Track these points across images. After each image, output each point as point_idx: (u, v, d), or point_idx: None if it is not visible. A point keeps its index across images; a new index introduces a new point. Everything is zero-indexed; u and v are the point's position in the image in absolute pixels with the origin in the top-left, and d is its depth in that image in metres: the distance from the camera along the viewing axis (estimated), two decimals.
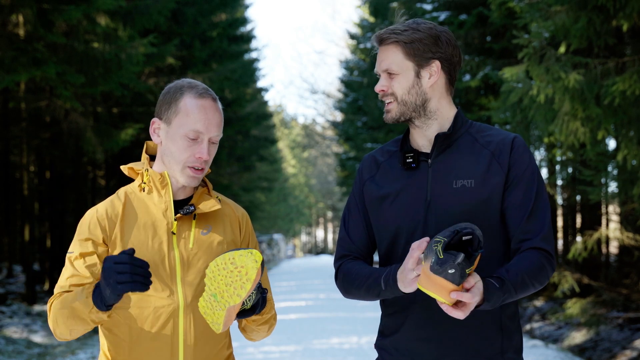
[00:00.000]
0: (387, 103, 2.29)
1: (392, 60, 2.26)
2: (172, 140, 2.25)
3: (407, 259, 2.05)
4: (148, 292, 2.21)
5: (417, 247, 2.02)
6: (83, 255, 2.23)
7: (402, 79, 2.26)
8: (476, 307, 2.04)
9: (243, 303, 2.17)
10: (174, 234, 2.26)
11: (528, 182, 2.21)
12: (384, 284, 2.17)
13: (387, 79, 2.28)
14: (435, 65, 2.26)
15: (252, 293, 2.16)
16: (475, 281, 1.99)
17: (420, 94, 2.27)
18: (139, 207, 2.29)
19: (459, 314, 1.98)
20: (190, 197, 2.33)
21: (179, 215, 2.27)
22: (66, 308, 2.13)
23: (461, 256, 1.91)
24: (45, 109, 12.22)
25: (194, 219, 2.29)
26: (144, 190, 2.31)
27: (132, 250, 2.03)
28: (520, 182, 2.21)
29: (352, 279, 2.30)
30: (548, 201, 2.25)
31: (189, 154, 2.23)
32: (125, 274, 1.99)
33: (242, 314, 2.21)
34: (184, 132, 2.23)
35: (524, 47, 7.39)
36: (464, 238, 1.97)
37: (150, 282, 2.04)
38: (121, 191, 2.33)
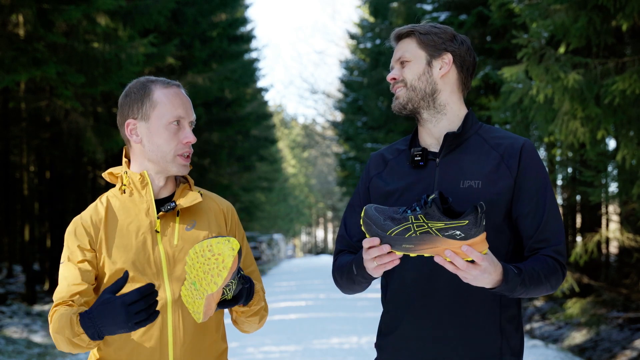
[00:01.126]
0: (397, 90, 2.30)
1: (406, 49, 2.29)
2: (155, 134, 2.26)
3: (365, 256, 2.04)
4: None
5: (369, 244, 2.02)
6: (75, 263, 2.26)
7: (414, 65, 2.28)
8: (492, 288, 2.05)
9: (223, 293, 2.16)
10: (158, 232, 2.28)
11: (540, 190, 2.21)
12: (356, 268, 2.19)
13: (399, 68, 2.30)
14: (447, 57, 2.27)
15: (232, 282, 2.15)
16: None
17: (431, 83, 2.27)
18: (122, 209, 2.31)
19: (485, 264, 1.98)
20: (173, 195, 2.35)
21: (161, 213, 2.29)
22: (64, 337, 2.14)
23: (481, 204, 1.92)
24: (45, 109, 12.22)
25: (178, 216, 2.31)
26: (124, 193, 2.32)
27: (151, 286, 2.04)
28: (532, 190, 2.21)
29: (338, 270, 2.32)
30: (559, 209, 2.25)
31: (175, 142, 2.26)
32: (141, 313, 2.02)
33: (223, 304, 2.19)
34: (167, 121, 2.26)
35: (524, 47, 7.39)
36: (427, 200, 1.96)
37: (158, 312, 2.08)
38: (104, 196, 2.36)
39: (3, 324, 10.84)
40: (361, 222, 2.03)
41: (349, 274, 2.24)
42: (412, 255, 2.00)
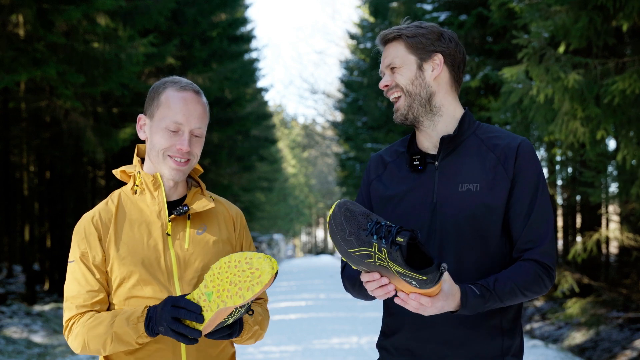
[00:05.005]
0: (394, 99, 2.28)
1: (395, 54, 2.27)
2: (155, 134, 2.26)
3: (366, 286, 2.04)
4: (147, 294, 2.21)
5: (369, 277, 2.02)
6: (87, 264, 2.24)
7: (405, 70, 2.26)
8: (453, 312, 2.08)
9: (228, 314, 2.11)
10: (169, 235, 2.27)
11: (532, 191, 2.21)
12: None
13: (390, 74, 2.29)
14: (438, 58, 2.26)
15: (242, 308, 2.11)
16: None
17: (425, 87, 2.26)
18: (133, 209, 2.29)
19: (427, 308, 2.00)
20: (184, 198, 2.34)
21: (173, 216, 2.27)
22: (106, 333, 2.15)
23: (444, 265, 1.91)
24: (45, 109, 12.22)
25: (189, 219, 2.30)
26: (136, 193, 2.31)
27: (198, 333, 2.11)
28: (524, 191, 2.20)
29: (348, 280, 2.33)
30: (551, 211, 2.24)
31: (169, 144, 2.25)
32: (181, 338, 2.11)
33: (217, 332, 2.14)
34: (165, 125, 2.24)
35: (524, 48, 7.39)
36: (398, 239, 1.91)
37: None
38: (114, 194, 2.34)
39: (3, 324, 10.84)
40: (327, 219, 2.01)
41: (360, 287, 2.23)
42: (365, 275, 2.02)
